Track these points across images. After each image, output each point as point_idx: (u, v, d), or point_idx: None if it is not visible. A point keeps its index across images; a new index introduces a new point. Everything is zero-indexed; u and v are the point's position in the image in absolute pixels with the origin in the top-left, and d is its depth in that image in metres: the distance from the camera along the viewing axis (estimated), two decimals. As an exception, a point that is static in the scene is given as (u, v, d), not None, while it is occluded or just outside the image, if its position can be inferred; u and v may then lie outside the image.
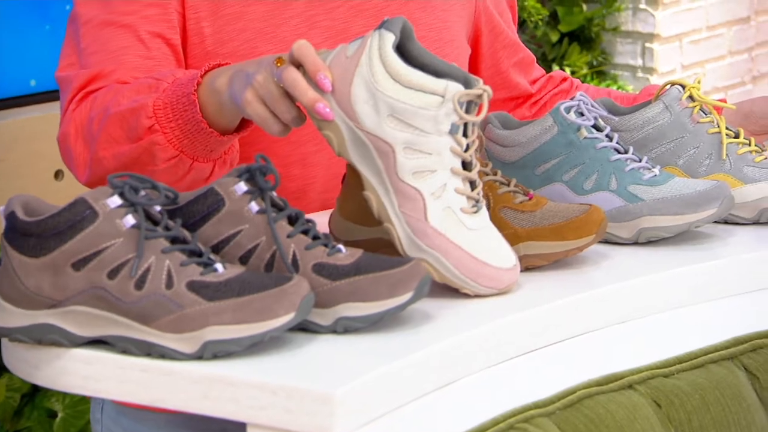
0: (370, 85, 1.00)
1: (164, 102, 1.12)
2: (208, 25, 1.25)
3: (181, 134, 1.11)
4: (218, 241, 0.97)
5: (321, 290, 0.96)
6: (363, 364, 0.92)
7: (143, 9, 1.22)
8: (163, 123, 1.12)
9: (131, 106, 1.14)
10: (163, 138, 1.12)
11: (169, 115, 1.12)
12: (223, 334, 0.90)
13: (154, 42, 1.22)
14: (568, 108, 1.18)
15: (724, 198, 1.13)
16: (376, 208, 1.02)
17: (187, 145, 1.12)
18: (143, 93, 1.14)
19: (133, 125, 1.13)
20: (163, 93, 1.13)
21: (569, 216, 1.07)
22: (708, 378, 1.08)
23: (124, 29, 1.22)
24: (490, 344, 0.99)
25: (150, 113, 1.12)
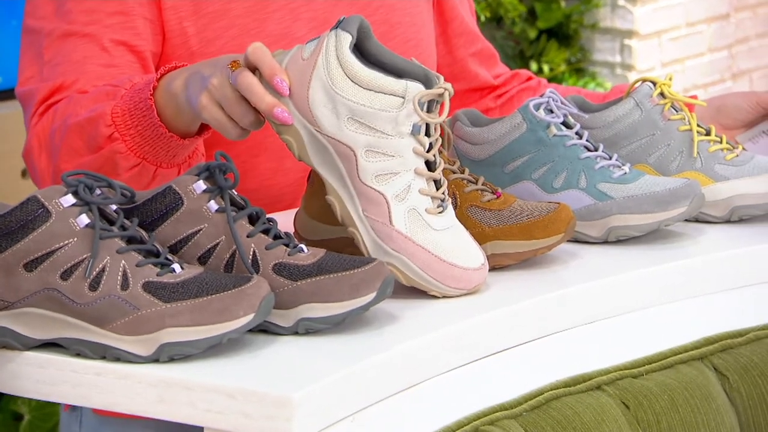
0: (328, 87, 0.98)
1: (122, 109, 1.11)
2: (191, 24, 1.24)
3: (142, 140, 1.10)
4: (176, 240, 0.95)
5: (282, 291, 0.94)
6: (324, 366, 0.90)
7: (105, 18, 1.21)
8: (122, 130, 1.11)
9: (89, 116, 1.13)
10: (124, 146, 1.10)
11: (128, 121, 1.11)
12: (180, 336, 0.88)
13: (117, 50, 1.21)
14: (537, 105, 1.16)
15: (695, 196, 1.12)
16: (340, 212, 1.01)
17: (148, 151, 1.10)
18: (101, 101, 1.13)
19: (92, 134, 1.12)
20: (120, 99, 1.12)
21: (537, 215, 1.06)
22: (677, 378, 1.07)
23: (86, 39, 1.21)
24: (455, 345, 0.97)
25: (108, 121, 1.11)
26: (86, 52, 1.20)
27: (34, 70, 1.23)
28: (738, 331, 1.12)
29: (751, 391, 1.09)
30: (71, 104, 1.16)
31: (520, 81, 1.44)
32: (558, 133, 1.15)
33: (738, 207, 1.18)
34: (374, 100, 0.98)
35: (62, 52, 1.21)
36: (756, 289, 1.15)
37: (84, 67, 1.20)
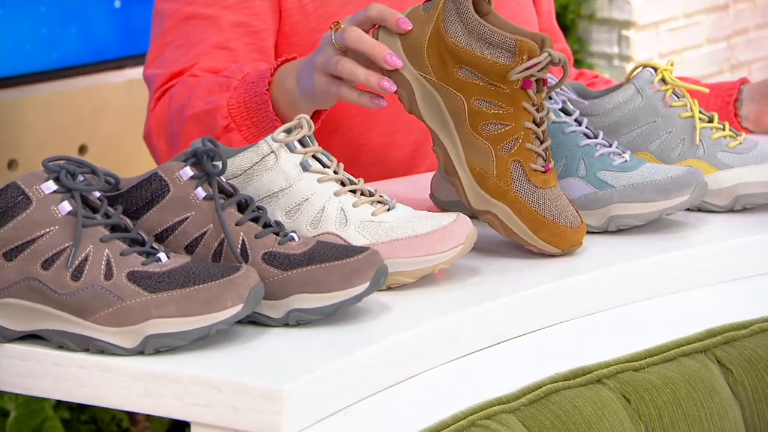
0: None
1: (237, 101, 1.16)
2: (310, 1, 1.27)
3: (257, 131, 1.14)
4: (163, 229, 0.92)
5: (272, 281, 0.91)
6: (315, 358, 0.87)
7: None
8: (238, 122, 1.16)
9: (206, 108, 1.18)
10: (240, 136, 1.15)
11: (244, 113, 1.16)
12: (166, 327, 0.85)
13: (234, 32, 1.25)
14: None
15: (697, 184, 1.09)
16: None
17: None
18: (216, 93, 1.18)
19: (209, 125, 1.17)
20: (234, 92, 1.17)
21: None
22: (680, 372, 1.04)
23: (205, 21, 1.25)
24: (451, 337, 0.94)
25: (225, 113, 1.16)
26: (204, 33, 1.25)
27: (157, 52, 1.28)
28: (742, 323, 1.09)
29: (755, 384, 1.06)
30: (186, 91, 1.22)
31: (586, 79, 1.45)
32: (557, 119, 1.12)
33: (741, 196, 1.15)
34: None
35: (183, 34, 1.26)
36: (760, 280, 1.12)
37: (201, 49, 1.24)
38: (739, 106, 1.37)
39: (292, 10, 1.27)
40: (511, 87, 1.02)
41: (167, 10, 1.28)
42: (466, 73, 1.03)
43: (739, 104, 1.37)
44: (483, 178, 1.03)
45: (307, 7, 1.27)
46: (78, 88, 2.06)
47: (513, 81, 1.02)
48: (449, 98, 1.03)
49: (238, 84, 1.17)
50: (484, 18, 1.06)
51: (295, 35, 1.28)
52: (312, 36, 1.27)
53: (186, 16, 1.26)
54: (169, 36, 1.27)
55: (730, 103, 1.37)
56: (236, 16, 1.26)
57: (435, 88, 1.04)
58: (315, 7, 1.27)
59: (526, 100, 1.03)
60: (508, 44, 1.02)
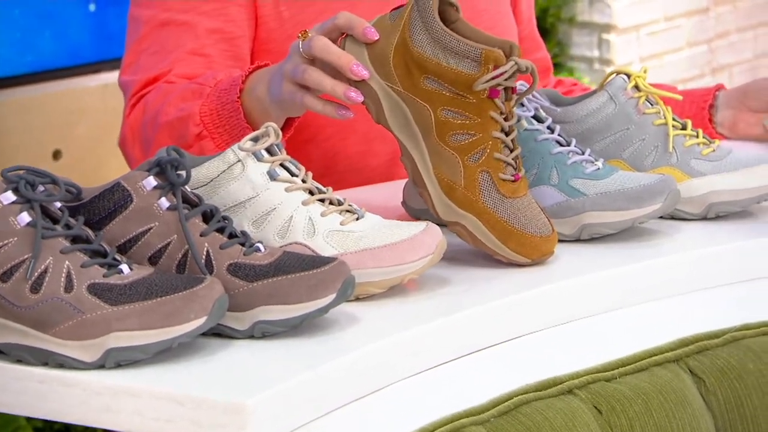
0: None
1: (210, 109, 1.16)
2: (287, 9, 1.28)
3: (230, 139, 1.14)
4: (125, 240, 0.90)
5: (237, 292, 0.89)
6: (280, 371, 0.86)
7: (200, 5, 1.25)
8: (210, 129, 1.16)
9: (179, 115, 1.18)
10: (212, 144, 1.15)
11: (216, 121, 1.16)
12: (127, 340, 0.84)
13: (210, 38, 1.25)
14: None
15: (670, 192, 1.08)
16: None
17: None
18: (188, 100, 1.18)
19: (182, 133, 1.17)
20: (207, 99, 1.17)
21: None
22: (651, 382, 1.03)
23: (181, 27, 1.25)
24: (419, 348, 0.93)
25: (197, 120, 1.16)
26: (180, 40, 1.25)
27: (132, 58, 1.28)
28: (715, 332, 1.08)
29: (728, 394, 1.05)
30: (160, 98, 1.21)
31: (564, 87, 1.45)
32: (529, 127, 1.11)
33: (715, 203, 1.14)
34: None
35: (158, 41, 1.25)
36: (734, 288, 1.11)
37: (177, 56, 1.23)
38: (714, 112, 1.37)
39: (269, 17, 1.27)
40: (478, 97, 1.01)
41: (143, 16, 1.27)
42: (432, 83, 1.01)
43: (714, 110, 1.37)
44: (451, 190, 1.02)
45: (283, 14, 1.27)
46: (53, 92, 2.04)
47: (479, 90, 1.00)
48: (416, 108, 1.02)
49: (210, 91, 1.17)
50: (452, 26, 1.04)
51: (272, 42, 1.28)
52: (288, 43, 1.25)
53: (162, 23, 1.25)
54: (145, 42, 1.26)
55: (705, 109, 1.36)
56: (212, 23, 1.25)
57: (402, 98, 1.03)
58: (291, 14, 1.27)
59: (493, 110, 1.01)
60: (473, 54, 1.01)
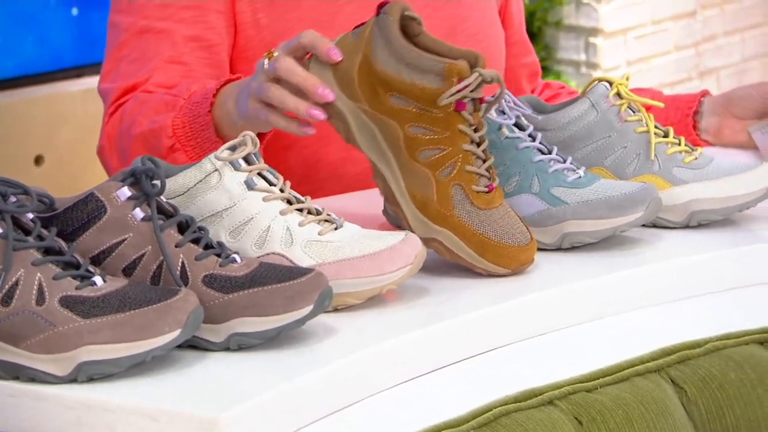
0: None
1: (182, 121, 1.17)
2: (265, 16, 1.27)
3: (201, 152, 1.15)
4: (99, 251, 0.89)
5: (212, 304, 0.88)
6: (256, 384, 0.85)
7: (178, 12, 1.24)
8: (183, 142, 1.16)
9: (151, 127, 1.18)
10: (185, 156, 1.15)
11: (188, 134, 1.16)
12: (100, 354, 0.83)
13: (188, 46, 1.25)
14: None
15: (651, 200, 1.07)
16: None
17: None
18: (162, 112, 1.18)
19: (155, 145, 1.17)
20: (180, 111, 1.17)
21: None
22: (633, 392, 1.02)
23: (159, 35, 1.24)
24: (398, 360, 0.92)
25: (170, 133, 1.17)
26: (158, 48, 1.24)
27: (111, 65, 1.27)
28: (696, 342, 1.07)
29: (709, 404, 1.05)
30: (136, 108, 1.22)
31: (552, 90, 1.45)
32: (510, 135, 1.11)
33: (697, 212, 1.14)
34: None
35: (138, 48, 1.25)
36: (715, 298, 1.10)
37: (155, 64, 1.24)
38: (698, 119, 1.36)
39: (247, 24, 1.27)
40: (444, 111, 1.00)
41: (122, 23, 1.26)
42: (398, 101, 1.00)
43: (698, 117, 1.36)
44: (424, 206, 1.01)
45: (261, 21, 1.26)
46: (34, 97, 2.03)
47: (445, 105, 0.99)
48: (384, 127, 1.01)
49: (183, 103, 1.17)
50: (415, 39, 1.03)
51: (250, 49, 1.27)
52: (266, 50, 1.26)
53: (141, 30, 1.25)
54: (125, 49, 1.26)
55: (689, 116, 1.36)
56: (191, 30, 1.25)
57: (369, 117, 1.02)
58: (270, 21, 1.26)
59: (461, 123, 1.00)
60: (436, 68, 0.99)
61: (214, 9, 1.25)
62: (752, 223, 1.16)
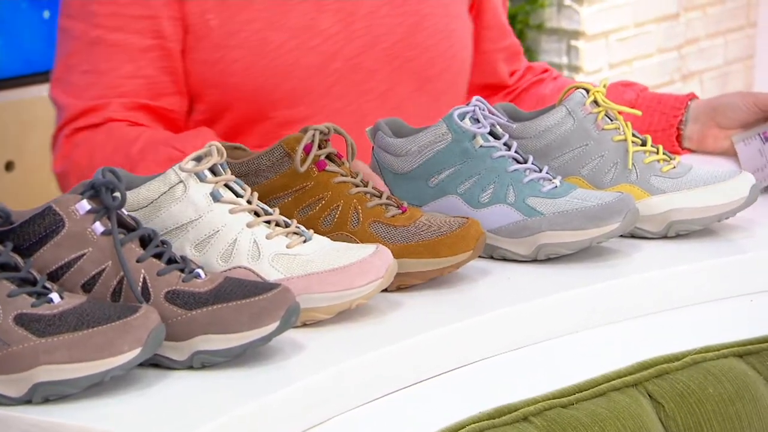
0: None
1: None
2: (214, 17, 1.23)
3: None
4: (57, 267, 0.86)
5: (175, 321, 0.86)
6: (221, 403, 0.83)
7: (131, 22, 1.21)
8: None
9: None
10: None
11: None
12: (56, 374, 0.80)
13: (145, 58, 1.22)
14: (462, 114, 1.09)
15: (628, 211, 1.05)
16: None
17: None
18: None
19: None
20: None
21: (444, 231, 0.99)
22: (609, 408, 1.00)
23: (113, 48, 1.21)
24: (366, 378, 0.90)
25: None
26: (113, 62, 1.21)
27: (62, 72, 1.24)
28: (674, 355, 1.05)
29: (687, 419, 1.03)
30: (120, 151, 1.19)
31: (534, 74, 1.42)
32: (484, 144, 1.08)
33: (675, 222, 1.12)
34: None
35: (90, 60, 1.21)
36: (693, 310, 1.08)
37: (112, 81, 1.20)
38: (683, 125, 1.34)
39: (196, 26, 1.24)
40: (312, 177, 1.01)
41: (73, 30, 1.24)
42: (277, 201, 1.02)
43: (683, 124, 1.34)
44: None
45: (210, 23, 1.24)
46: (5, 102, 1.99)
47: (309, 171, 1.01)
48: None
49: None
50: None
51: (198, 51, 1.25)
52: (216, 53, 1.25)
53: (92, 41, 1.22)
54: (75, 58, 1.23)
55: (674, 125, 1.34)
56: (145, 41, 1.22)
57: None
58: (219, 23, 1.24)
59: (334, 177, 1.01)
60: (277, 153, 1.02)
61: (166, 15, 1.23)
62: (731, 234, 1.14)
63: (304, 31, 1.26)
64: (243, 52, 1.23)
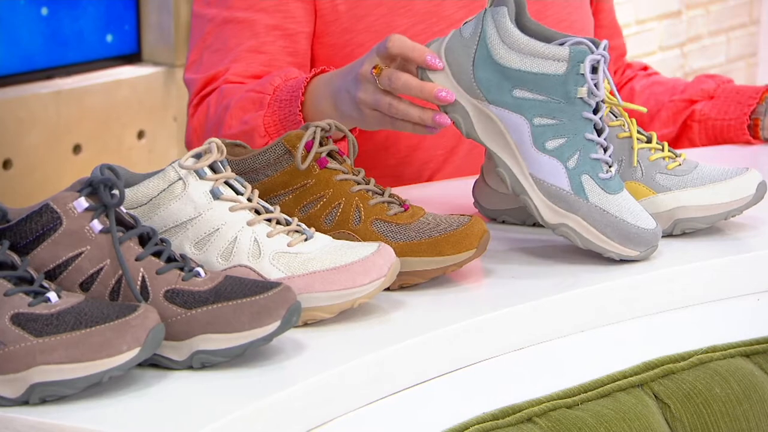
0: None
1: (273, 120, 1.19)
2: (343, 2, 1.28)
3: None
4: (54, 265, 0.85)
5: (174, 320, 0.84)
6: (221, 404, 0.81)
7: (260, 2, 1.26)
8: (276, 138, 1.14)
9: (243, 128, 1.21)
10: None
11: (281, 131, 1.18)
12: (53, 375, 0.78)
13: (270, 35, 1.26)
14: None
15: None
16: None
17: None
18: (250, 111, 1.20)
19: (250, 144, 1.19)
20: (268, 109, 1.20)
21: (447, 228, 0.98)
22: (615, 408, 0.98)
23: (241, 25, 1.26)
24: (369, 378, 0.88)
25: (262, 132, 1.20)
26: (240, 38, 1.26)
27: (196, 56, 1.30)
28: (681, 355, 1.04)
29: (694, 420, 1.01)
30: (221, 102, 1.23)
31: (633, 71, 1.46)
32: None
33: (681, 220, 1.10)
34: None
35: (221, 38, 1.28)
36: (699, 309, 1.07)
37: (236, 54, 1.26)
38: (760, 116, 1.37)
39: (325, 10, 1.28)
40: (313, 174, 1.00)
41: (207, 14, 1.29)
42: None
43: (758, 114, 1.37)
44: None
45: (339, 7, 1.27)
46: (3, 100, 1.98)
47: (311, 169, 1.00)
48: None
49: (270, 100, 1.19)
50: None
51: (327, 35, 1.28)
52: (344, 36, 1.28)
53: (223, 21, 1.27)
54: (208, 40, 1.28)
55: (747, 114, 1.37)
56: (271, 20, 1.27)
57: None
58: (348, 7, 1.27)
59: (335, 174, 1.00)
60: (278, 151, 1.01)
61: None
62: (738, 232, 1.13)
63: (429, 16, 1.28)
64: (370, 35, 1.26)
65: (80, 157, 2.09)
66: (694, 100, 1.41)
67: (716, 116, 1.39)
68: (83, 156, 2.09)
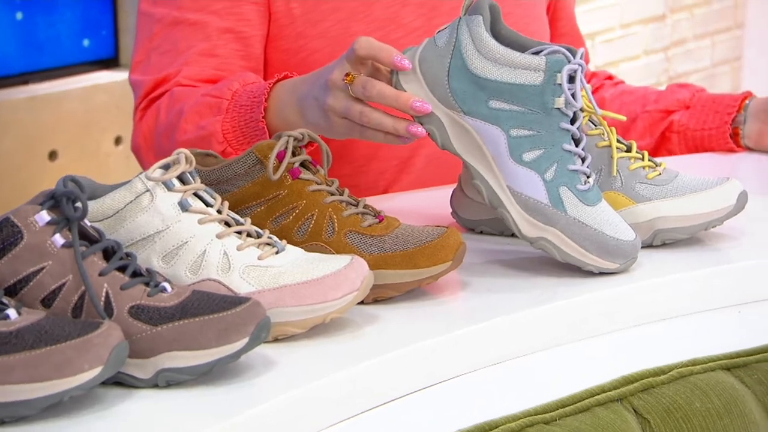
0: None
1: (232, 126, 1.16)
2: (298, 5, 1.26)
3: None
4: (15, 281, 0.83)
5: (139, 337, 0.82)
6: (188, 424, 0.79)
7: (211, 3, 1.22)
8: (235, 146, 1.15)
9: (199, 134, 1.17)
10: None
11: (240, 138, 1.15)
12: (11, 395, 0.76)
13: (222, 38, 1.22)
14: None
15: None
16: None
17: None
18: (206, 116, 1.16)
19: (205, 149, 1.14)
20: (227, 114, 1.16)
21: (423, 240, 0.96)
22: (593, 423, 0.96)
23: (192, 27, 1.22)
24: (342, 395, 0.86)
25: (220, 138, 1.16)
26: (191, 40, 1.22)
27: (142, 56, 1.26)
28: (660, 369, 1.02)
29: (674, 435, 1.00)
30: (173, 106, 1.20)
31: (598, 80, 1.45)
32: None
33: (661, 230, 1.08)
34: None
35: (170, 40, 1.24)
36: (679, 321, 1.05)
37: (187, 57, 1.23)
38: (739, 124, 1.35)
39: (280, 14, 1.24)
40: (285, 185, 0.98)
41: (155, 14, 1.24)
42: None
43: (738, 122, 1.35)
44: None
45: (294, 11, 1.24)
46: (-23, 105, 1.95)
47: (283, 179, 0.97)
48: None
49: (229, 105, 1.15)
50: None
51: (281, 39, 1.25)
52: (298, 41, 1.25)
53: (173, 21, 1.23)
54: (156, 40, 1.24)
55: (728, 123, 1.35)
56: (224, 22, 1.23)
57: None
58: (303, 11, 1.24)
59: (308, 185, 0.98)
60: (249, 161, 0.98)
61: (250, 1, 1.23)
62: (719, 243, 1.11)
63: (387, 23, 1.26)
64: (325, 41, 1.24)
65: (56, 164, 2.06)
66: (671, 110, 1.39)
67: (695, 126, 1.37)
68: (59, 162, 2.07)
